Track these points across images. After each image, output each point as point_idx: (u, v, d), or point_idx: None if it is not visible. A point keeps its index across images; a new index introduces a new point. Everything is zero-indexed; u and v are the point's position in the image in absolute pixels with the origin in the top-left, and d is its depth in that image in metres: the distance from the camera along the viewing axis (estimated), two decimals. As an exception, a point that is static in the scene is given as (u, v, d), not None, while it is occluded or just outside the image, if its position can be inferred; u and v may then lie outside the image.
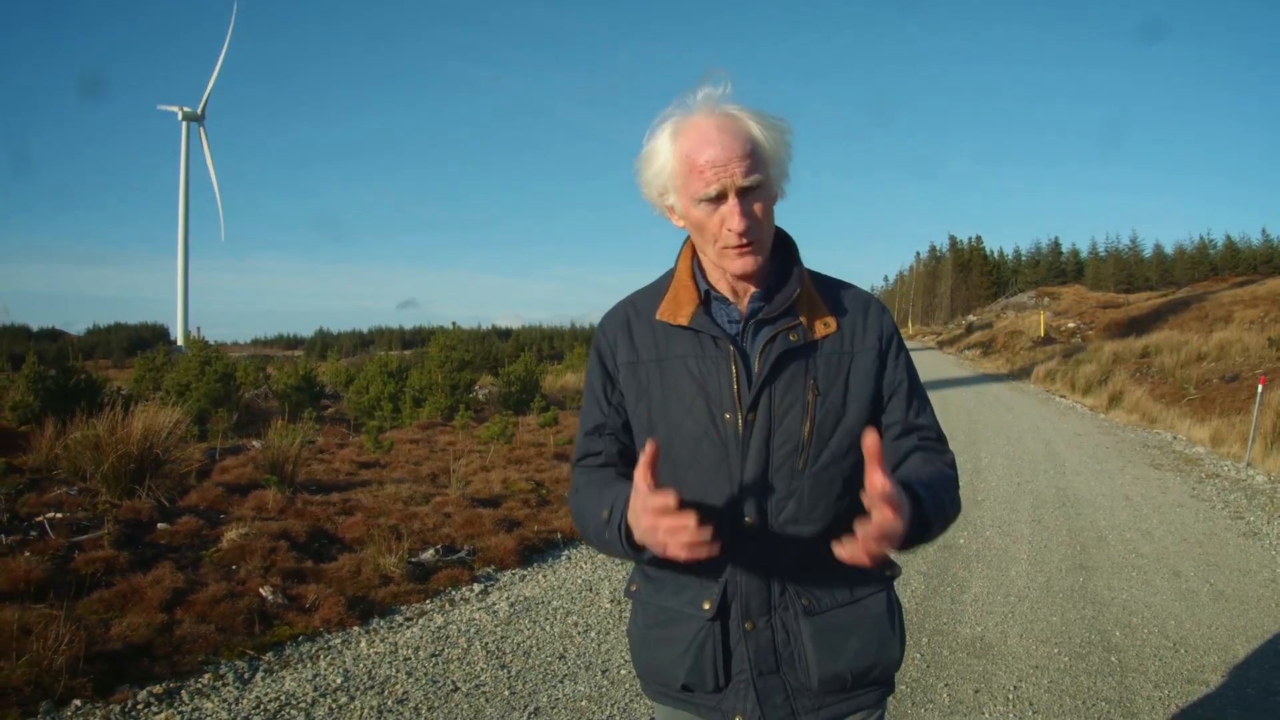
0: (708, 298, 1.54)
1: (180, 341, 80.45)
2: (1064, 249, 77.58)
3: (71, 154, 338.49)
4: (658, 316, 1.54)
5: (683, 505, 1.36)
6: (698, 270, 1.56)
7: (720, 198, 1.41)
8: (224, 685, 3.75)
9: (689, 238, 1.57)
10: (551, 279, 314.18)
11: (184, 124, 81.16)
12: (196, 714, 3.48)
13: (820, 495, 1.49)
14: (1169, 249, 71.68)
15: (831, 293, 1.57)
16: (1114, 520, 7.10)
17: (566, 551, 6.17)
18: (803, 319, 1.50)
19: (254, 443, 10.47)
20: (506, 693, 3.72)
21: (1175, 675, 3.98)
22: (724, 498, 1.48)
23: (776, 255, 1.55)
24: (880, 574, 1.57)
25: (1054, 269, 74.40)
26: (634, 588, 1.66)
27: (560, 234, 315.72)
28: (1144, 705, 3.65)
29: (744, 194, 1.41)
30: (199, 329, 15.58)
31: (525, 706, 3.60)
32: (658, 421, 1.53)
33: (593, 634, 4.49)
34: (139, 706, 3.52)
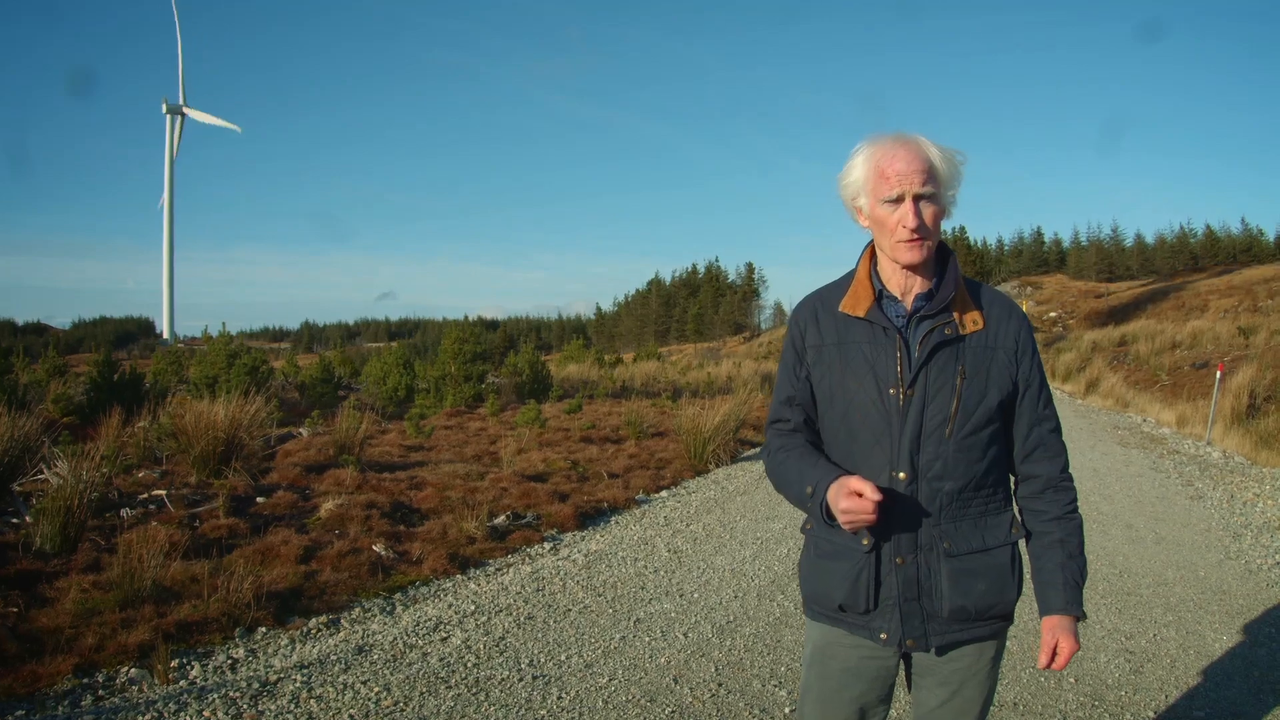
0: (880, 296, 1.86)
1: (166, 335, 79.24)
2: (1046, 238, 76.54)
3: (52, 147, 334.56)
4: (840, 309, 1.88)
5: (853, 463, 1.82)
6: (874, 273, 1.89)
7: (899, 200, 1.76)
8: (373, 616, 4.70)
9: (868, 245, 1.93)
10: (533, 267, 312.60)
11: (168, 116, 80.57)
12: (366, 634, 4.43)
13: (962, 458, 1.80)
14: (1150, 238, 70.33)
15: (982, 298, 1.89)
16: (1081, 488, 7.98)
17: (614, 517, 7.24)
18: (955, 316, 1.82)
19: (301, 430, 11.38)
20: (609, 611, 4.77)
21: (1117, 590, 5.17)
22: (886, 455, 1.80)
23: (939, 264, 1.87)
24: (1008, 533, 1.91)
25: (1036, 258, 73.60)
26: (809, 526, 1.98)
27: (541, 222, 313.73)
28: (1091, 609, 4.78)
29: (918, 200, 1.76)
30: (224, 324, 16.34)
31: (628, 617, 4.67)
32: (837, 393, 1.87)
33: (661, 573, 5.54)
34: (312, 631, 4.47)
